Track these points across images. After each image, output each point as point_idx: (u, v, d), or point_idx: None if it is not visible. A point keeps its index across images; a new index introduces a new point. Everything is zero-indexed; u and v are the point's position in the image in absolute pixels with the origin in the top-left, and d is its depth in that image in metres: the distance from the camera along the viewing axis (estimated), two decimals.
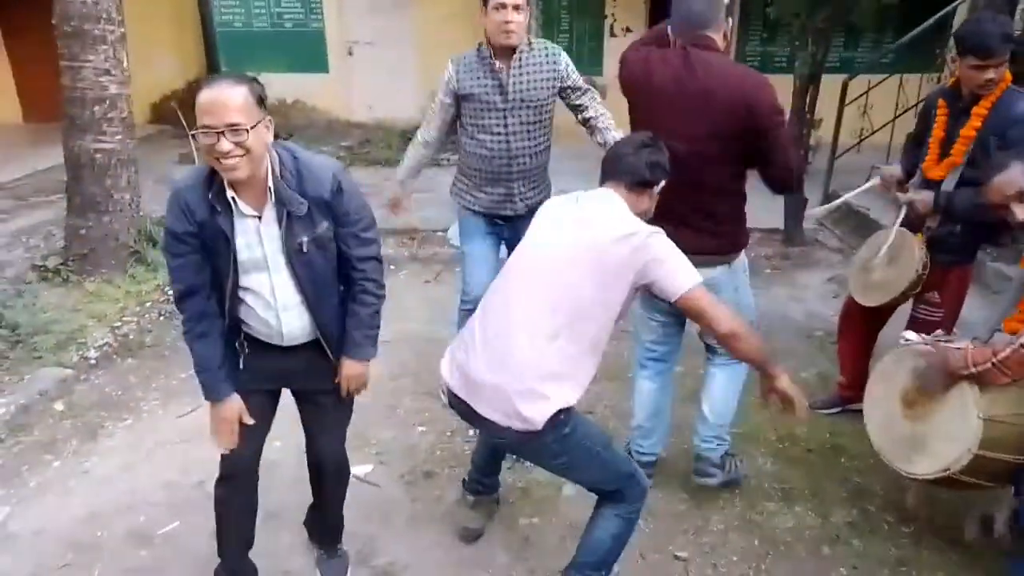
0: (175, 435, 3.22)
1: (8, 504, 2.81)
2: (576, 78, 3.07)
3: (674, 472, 2.97)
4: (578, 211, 2.08)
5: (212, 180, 1.87)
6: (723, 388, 2.73)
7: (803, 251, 5.45)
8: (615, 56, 8.55)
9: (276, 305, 2.01)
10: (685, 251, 2.04)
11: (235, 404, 2.07)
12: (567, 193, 2.22)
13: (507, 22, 2.84)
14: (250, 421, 2.10)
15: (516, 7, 2.83)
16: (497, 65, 2.93)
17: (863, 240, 3.30)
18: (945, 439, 2.23)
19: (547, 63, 2.99)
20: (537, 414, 1.94)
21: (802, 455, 3.07)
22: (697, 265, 2.04)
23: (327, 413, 2.27)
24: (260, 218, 1.91)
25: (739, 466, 2.86)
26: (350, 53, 9.30)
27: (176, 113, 7.29)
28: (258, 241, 1.92)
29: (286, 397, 2.28)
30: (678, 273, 1.97)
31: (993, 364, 2.08)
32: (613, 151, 2.21)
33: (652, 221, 2.13)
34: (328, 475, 2.34)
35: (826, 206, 3.80)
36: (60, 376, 3.60)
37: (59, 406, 3.46)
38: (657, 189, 2.15)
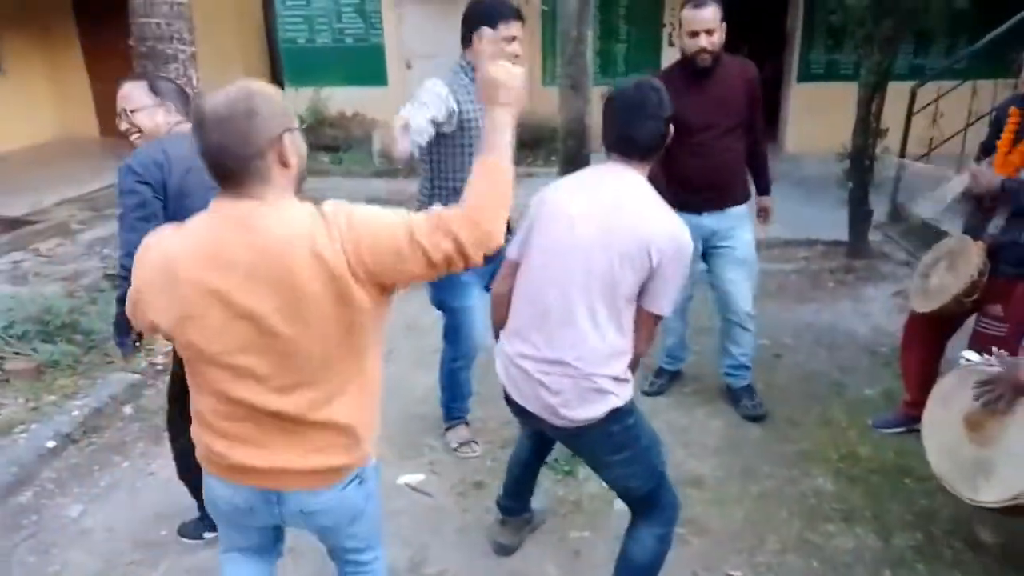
0: None
1: (82, 502, 2.95)
2: None
3: (729, 490, 2.91)
4: (609, 196, 1.97)
5: None
6: None
7: (868, 264, 5.29)
8: None
9: None
10: None
11: None
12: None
13: (517, 55, 2.75)
14: None
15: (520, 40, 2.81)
16: None
17: None
18: (1015, 464, 2.11)
19: None
20: (599, 405, 1.95)
21: (864, 475, 2.97)
22: None
23: None
24: None
25: None
26: (408, 67, 9.48)
27: None
28: None
29: None
30: (669, 294, 1.98)
31: None
32: (620, 122, 1.99)
33: None
34: None
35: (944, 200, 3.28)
36: (130, 381, 3.76)
37: (128, 410, 3.61)
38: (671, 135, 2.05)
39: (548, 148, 8.00)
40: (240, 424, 1.53)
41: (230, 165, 1.41)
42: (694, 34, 3.03)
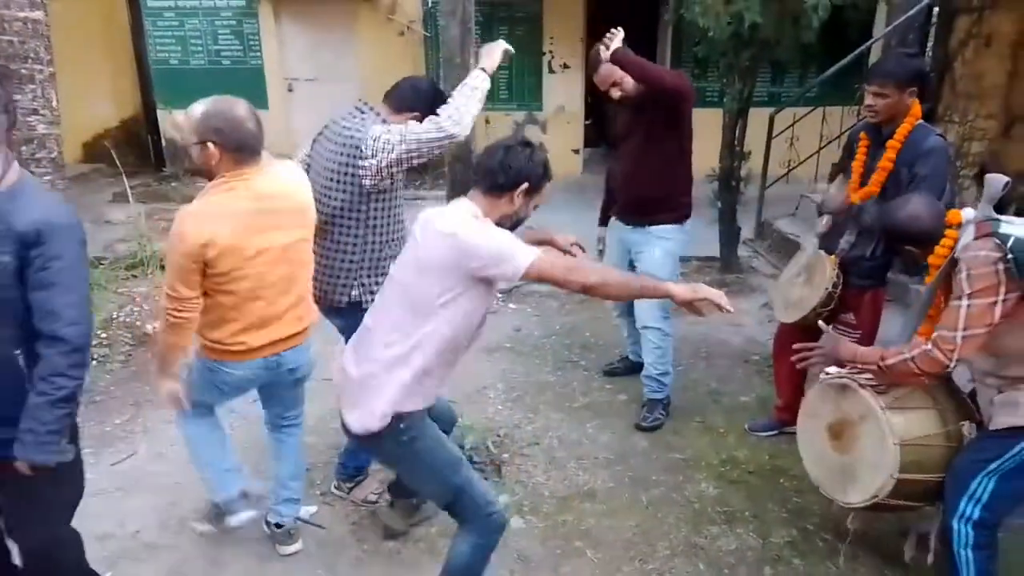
0: (110, 484, 3.10)
1: None
2: None
3: (620, 500, 3.01)
4: (426, 221, 2.09)
5: None
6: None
7: (739, 278, 5.63)
8: (554, 91, 8.85)
9: None
10: None
11: None
12: None
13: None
14: None
15: None
16: None
17: None
18: (870, 467, 2.32)
19: None
20: (370, 418, 2.02)
21: (743, 477, 3.15)
22: None
23: None
24: None
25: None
26: (290, 89, 9.28)
27: (110, 152, 7.15)
28: None
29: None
30: (506, 263, 1.93)
31: (879, 366, 2.21)
32: (481, 154, 2.16)
33: None
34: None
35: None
36: None
37: None
38: (521, 191, 2.05)
39: (435, 172, 8.05)
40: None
41: (259, 144, 2.26)
42: (606, 90, 3.31)
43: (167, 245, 2.20)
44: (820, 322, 2.59)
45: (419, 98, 2.67)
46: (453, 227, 1.97)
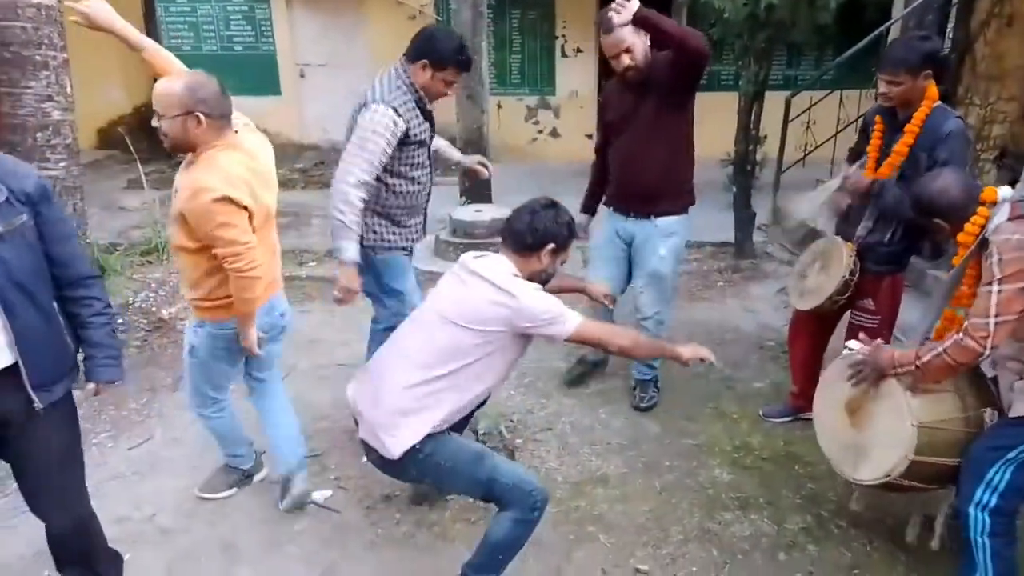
0: (126, 468, 3.14)
1: None
2: None
3: (633, 486, 3.00)
4: (470, 269, 2.20)
5: None
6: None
7: (753, 264, 5.58)
8: (567, 76, 8.77)
9: None
10: None
11: None
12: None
13: (447, 94, 2.98)
14: None
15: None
16: (429, 106, 2.96)
17: None
18: (885, 446, 2.30)
19: None
20: (394, 446, 2.14)
21: (757, 464, 3.13)
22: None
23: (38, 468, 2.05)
24: None
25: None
26: (302, 75, 9.27)
27: (124, 138, 7.18)
28: None
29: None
30: (554, 325, 2.13)
31: (916, 366, 2.18)
32: (509, 215, 2.33)
33: None
34: (57, 548, 2.18)
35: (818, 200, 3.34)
36: None
37: None
38: (548, 251, 2.24)
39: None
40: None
41: (231, 112, 2.38)
42: (614, 57, 3.10)
43: (204, 217, 2.24)
44: (851, 342, 2.56)
45: (426, 47, 2.82)
46: (509, 286, 2.11)
